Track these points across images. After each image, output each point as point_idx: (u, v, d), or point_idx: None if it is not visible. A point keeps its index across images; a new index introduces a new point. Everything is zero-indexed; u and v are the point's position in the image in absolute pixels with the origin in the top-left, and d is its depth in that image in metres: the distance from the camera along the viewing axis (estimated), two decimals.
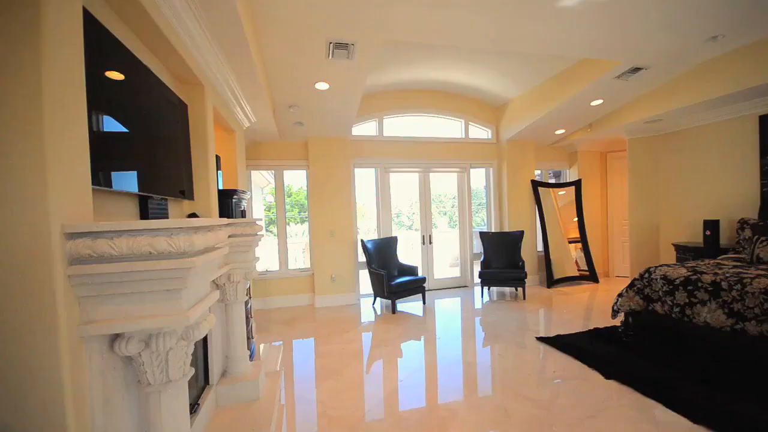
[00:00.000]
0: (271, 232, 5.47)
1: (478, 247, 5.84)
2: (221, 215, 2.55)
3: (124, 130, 1.48)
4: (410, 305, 4.82)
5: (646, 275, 3.07)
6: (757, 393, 2.21)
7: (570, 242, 6.16)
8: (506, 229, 5.84)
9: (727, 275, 2.57)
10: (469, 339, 3.62)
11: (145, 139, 1.65)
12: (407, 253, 5.97)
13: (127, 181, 1.51)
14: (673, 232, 4.94)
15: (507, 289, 5.56)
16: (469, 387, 2.63)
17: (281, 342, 3.63)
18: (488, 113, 5.89)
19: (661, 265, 3.09)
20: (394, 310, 4.51)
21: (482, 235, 5.57)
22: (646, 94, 4.43)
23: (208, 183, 2.33)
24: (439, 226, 8.65)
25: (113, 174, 1.42)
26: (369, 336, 3.77)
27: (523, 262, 5.16)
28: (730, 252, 3.76)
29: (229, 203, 2.63)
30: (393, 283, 4.43)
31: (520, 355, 3.11)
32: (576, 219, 6.13)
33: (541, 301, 4.91)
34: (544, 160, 6.26)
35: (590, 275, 5.95)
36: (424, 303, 4.86)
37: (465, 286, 5.93)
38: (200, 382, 2.10)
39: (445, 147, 5.68)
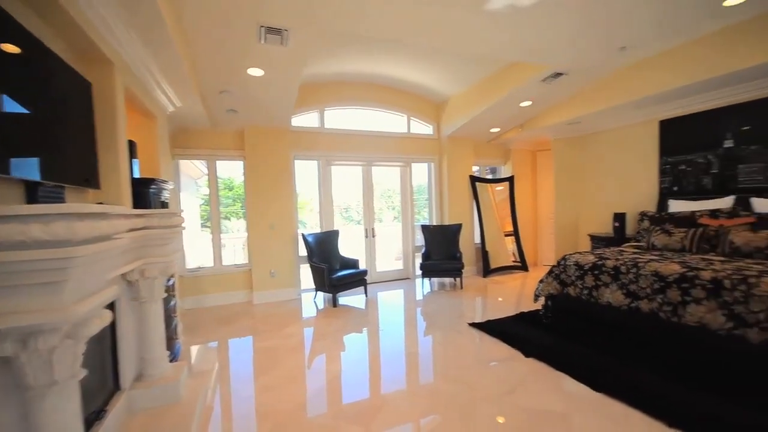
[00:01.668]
0: (208, 227, 5.16)
1: (423, 240, 6.01)
2: (137, 206, 2.34)
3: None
4: (352, 298, 4.83)
5: (562, 262, 3.37)
6: (648, 362, 2.54)
7: (506, 236, 6.57)
8: (446, 223, 6.06)
9: (626, 260, 2.91)
10: (408, 328, 3.71)
11: (35, 120, 1.46)
12: (357, 248, 5.95)
13: (15, 166, 1.32)
14: (590, 224, 5.46)
15: (447, 280, 5.79)
16: (407, 374, 2.69)
17: (216, 341, 3.46)
18: (430, 109, 6.05)
19: (574, 253, 3.41)
20: (335, 303, 4.49)
21: (424, 228, 5.73)
22: (568, 98, 4.83)
23: (119, 171, 2.12)
24: (385, 220, 8.77)
25: None
26: (310, 330, 3.72)
27: (461, 253, 5.40)
28: (632, 241, 4.25)
29: (146, 193, 2.42)
30: (334, 276, 4.41)
31: (454, 341, 3.26)
32: (508, 212, 6.54)
33: (477, 289, 5.19)
34: (482, 157, 6.59)
35: (521, 265, 6.40)
36: (366, 295, 4.90)
37: (407, 278, 6.08)
38: (109, 387, 1.92)
39: (388, 141, 5.74)
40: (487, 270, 6.04)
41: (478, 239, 6.26)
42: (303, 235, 4.75)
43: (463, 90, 5.38)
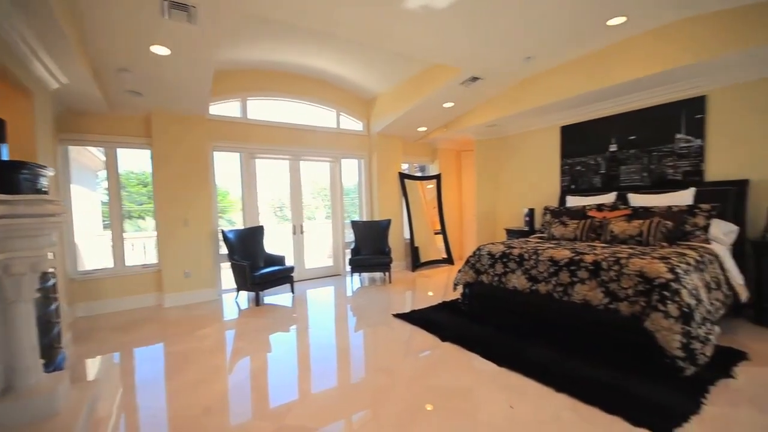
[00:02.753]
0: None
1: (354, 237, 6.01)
2: (3, 193, 1.98)
3: None
4: (278, 297, 4.66)
5: (477, 252, 3.62)
6: (545, 337, 2.83)
7: (436, 234, 6.87)
8: (377, 219, 6.15)
9: (529, 249, 3.21)
10: (336, 324, 3.68)
11: None
12: (290, 246, 5.73)
13: None
14: (507, 219, 5.94)
15: (377, 275, 5.87)
16: (332, 369, 2.64)
17: (115, 349, 3.08)
18: (360, 106, 6.08)
19: (487, 244, 3.68)
20: (258, 302, 4.29)
21: (353, 224, 5.74)
22: (486, 102, 5.20)
23: None
24: (319, 218, 8.62)
25: None
26: (230, 332, 3.47)
27: (390, 248, 5.51)
28: (538, 233, 4.72)
29: (15, 180, 2.06)
30: (257, 273, 4.20)
31: (380, 333, 3.31)
32: (435, 208, 6.85)
33: (406, 283, 5.34)
34: (411, 155, 6.80)
35: (448, 259, 6.74)
36: (293, 293, 4.76)
37: (338, 275, 6.04)
38: None
39: (317, 136, 5.65)
40: (415, 264, 6.25)
41: (407, 235, 6.46)
42: (223, 231, 4.46)
43: (391, 88, 5.50)
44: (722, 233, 3.23)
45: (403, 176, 6.41)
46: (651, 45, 3.44)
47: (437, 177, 6.85)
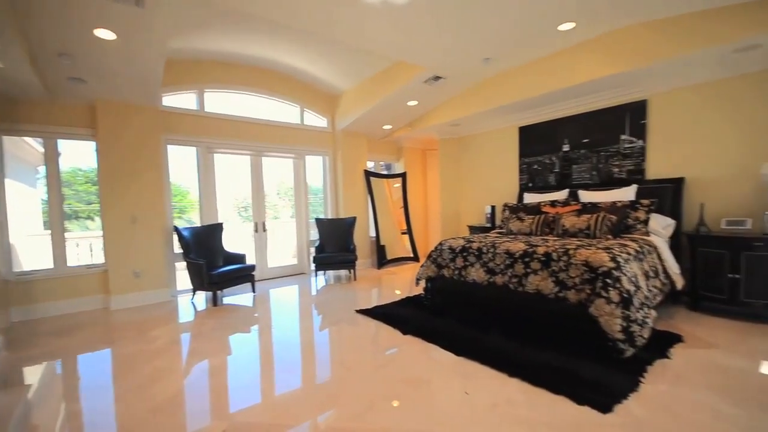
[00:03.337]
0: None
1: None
2: None
3: None
4: (239, 297, 4.50)
5: (438, 247, 3.69)
6: (501, 326, 2.93)
7: (403, 234, 6.92)
8: (342, 216, 6.11)
9: (487, 243, 3.31)
10: (298, 322, 3.59)
11: None
12: (255, 246, 5.55)
13: None
14: (470, 216, 6.10)
15: (342, 272, 5.83)
16: (293, 367, 2.58)
17: (57, 355, 2.84)
18: (325, 102, 6.02)
19: (448, 239, 3.76)
20: (216, 302, 4.12)
21: (318, 221, 5.67)
22: (449, 101, 5.31)
23: None
24: (284, 217, 8.42)
25: None
26: (186, 334, 3.29)
27: (355, 246, 5.49)
28: (498, 228, 4.88)
29: None
30: (215, 272, 4.04)
31: (343, 329, 3.29)
32: (402, 207, 6.91)
33: (371, 280, 5.34)
34: (376, 153, 6.82)
35: (414, 256, 6.82)
36: (254, 292, 4.62)
37: (302, 273, 5.94)
38: None
39: (280, 131, 5.53)
40: (381, 262, 6.27)
41: (372, 232, 6.46)
42: (177, 228, 4.24)
43: (356, 84, 5.49)
44: (661, 227, 3.50)
45: (368, 174, 6.41)
46: (600, 50, 3.66)
47: (403, 175, 6.92)
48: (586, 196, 4.13)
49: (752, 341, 2.63)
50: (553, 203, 4.23)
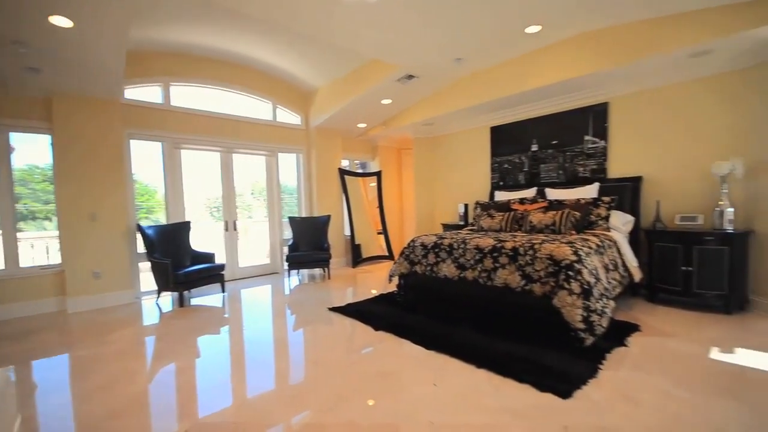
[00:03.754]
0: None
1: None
2: None
3: None
4: (208, 298, 4.36)
5: (411, 244, 3.72)
6: (471, 320, 2.99)
7: (379, 233, 6.92)
8: (316, 215, 6.05)
9: (458, 239, 3.37)
10: (270, 322, 3.52)
11: None
12: (229, 246, 5.39)
13: None
14: (443, 215, 6.18)
15: (316, 271, 5.78)
16: (265, 367, 2.52)
17: (7, 361, 2.65)
18: (298, 99, 5.95)
19: (421, 235, 3.80)
20: (182, 303, 3.98)
21: (291, 220, 5.59)
22: (423, 100, 5.37)
23: None
24: (257, 216, 8.24)
25: None
26: (151, 336, 3.15)
27: (329, 244, 5.45)
28: (469, 225, 4.97)
29: None
30: (181, 272, 3.90)
31: (315, 326, 3.26)
32: (377, 206, 6.92)
33: (345, 279, 5.31)
34: (351, 152, 6.80)
35: (389, 254, 6.84)
36: (224, 292, 4.50)
37: (276, 273, 5.84)
38: None
39: (251, 128, 5.41)
40: (356, 260, 6.25)
41: (347, 231, 6.43)
42: (140, 226, 4.07)
43: (330, 82, 5.46)
44: (621, 223, 3.67)
45: (343, 172, 6.38)
46: (565, 54, 3.80)
47: (378, 174, 6.93)
48: (553, 194, 4.28)
49: (703, 330, 2.80)
50: (522, 201, 4.36)
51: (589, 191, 3.97)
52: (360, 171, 7.18)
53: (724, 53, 3.16)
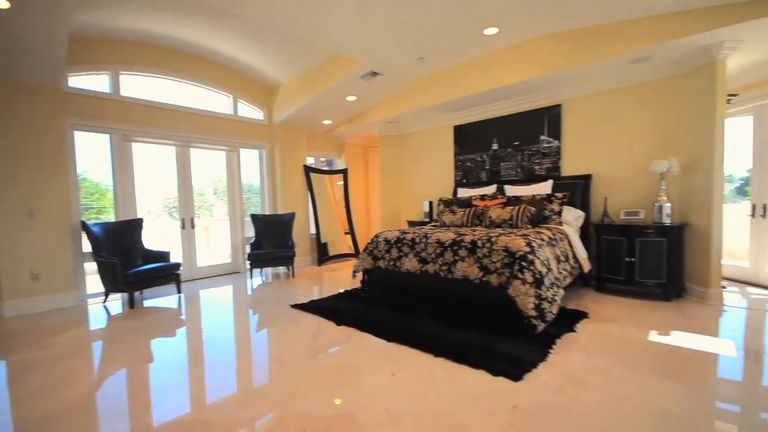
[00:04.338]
0: None
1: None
2: None
3: None
4: (162, 299, 4.14)
5: (374, 239, 3.73)
6: (432, 312, 3.04)
7: (346, 233, 6.88)
8: (280, 212, 5.92)
9: (420, 234, 3.42)
10: (229, 320, 3.40)
11: None
12: (190, 247, 5.12)
13: None
14: (409, 212, 6.25)
15: (280, 270, 5.66)
16: (223, 368, 2.43)
17: None
18: (261, 94, 5.79)
19: (384, 231, 3.83)
20: (133, 305, 3.76)
21: (254, 217, 5.44)
22: (388, 99, 5.40)
23: None
24: (219, 214, 7.94)
25: None
26: (97, 340, 2.93)
27: (293, 242, 5.35)
28: (433, 221, 5.07)
29: None
30: (131, 271, 3.68)
31: (277, 323, 3.19)
32: (344, 205, 6.88)
33: (311, 277, 5.24)
34: (317, 149, 6.72)
35: (356, 252, 6.82)
36: (179, 293, 4.29)
37: (237, 272, 5.66)
38: None
39: (210, 121, 5.21)
40: (322, 258, 6.18)
41: (313, 229, 6.35)
42: (84, 223, 3.80)
43: (294, 77, 5.36)
44: (572, 218, 3.88)
45: (308, 169, 6.29)
46: (520, 56, 3.97)
47: (344, 171, 6.89)
48: (512, 190, 4.45)
49: (644, 315, 3.02)
50: (482, 197, 4.50)
51: (544, 188, 4.17)
52: (326, 168, 7.10)
53: (662, 59, 3.43)
